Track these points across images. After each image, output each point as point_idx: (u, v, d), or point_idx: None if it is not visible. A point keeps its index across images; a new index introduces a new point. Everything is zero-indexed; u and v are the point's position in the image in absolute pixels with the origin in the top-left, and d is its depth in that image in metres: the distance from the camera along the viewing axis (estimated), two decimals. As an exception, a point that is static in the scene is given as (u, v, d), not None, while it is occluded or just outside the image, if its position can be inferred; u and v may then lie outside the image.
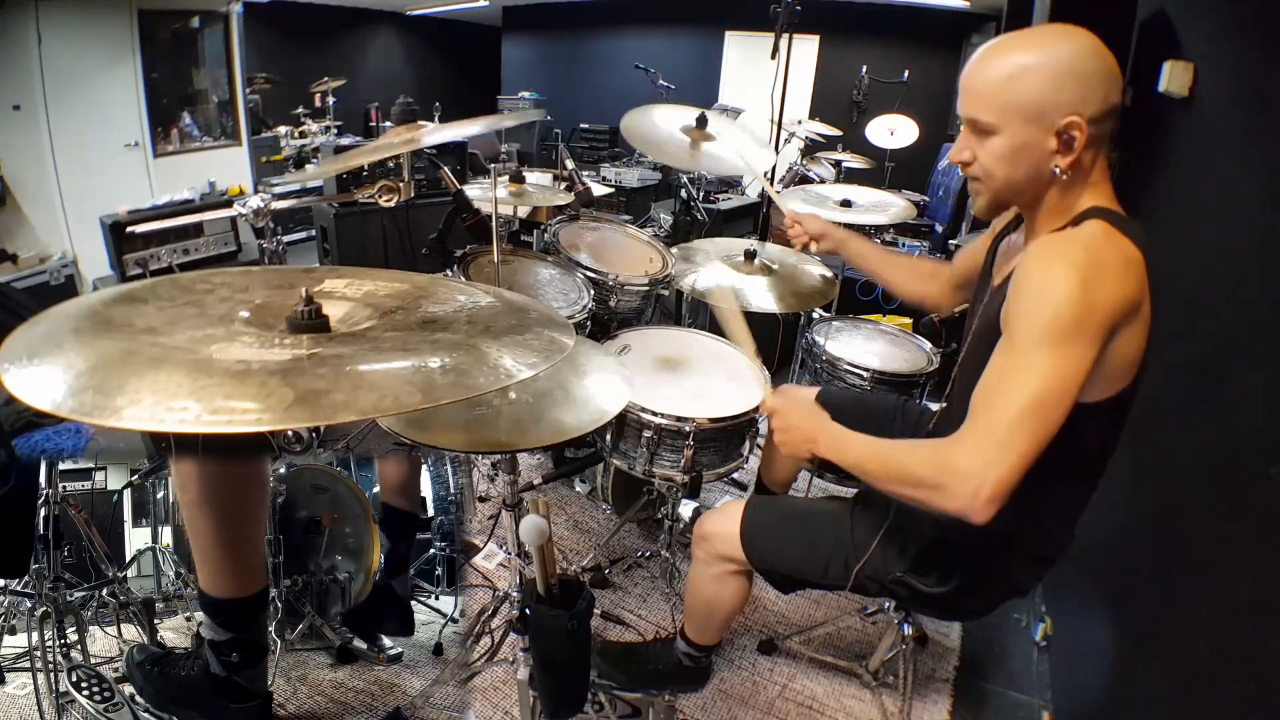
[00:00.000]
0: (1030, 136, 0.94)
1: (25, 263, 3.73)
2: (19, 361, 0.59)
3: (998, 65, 0.95)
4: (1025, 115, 0.93)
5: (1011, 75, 0.94)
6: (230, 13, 4.84)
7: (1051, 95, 0.91)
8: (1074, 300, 0.87)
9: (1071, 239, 0.94)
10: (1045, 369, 0.88)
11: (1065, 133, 0.92)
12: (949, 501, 0.91)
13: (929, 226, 4.49)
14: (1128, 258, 0.92)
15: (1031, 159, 0.96)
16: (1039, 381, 0.88)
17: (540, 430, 1.18)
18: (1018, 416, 0.88)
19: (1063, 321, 0.88)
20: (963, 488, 0.89)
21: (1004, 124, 0.96)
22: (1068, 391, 0.88)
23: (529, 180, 2.45)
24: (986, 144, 0.99)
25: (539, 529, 0.97)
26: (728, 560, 1.38)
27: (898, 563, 1.21)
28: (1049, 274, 0.90)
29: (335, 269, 0.91)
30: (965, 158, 1.03)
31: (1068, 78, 0.91)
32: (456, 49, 9.09)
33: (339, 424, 0.58)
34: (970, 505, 0.89)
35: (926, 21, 6.06)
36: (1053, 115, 0.92)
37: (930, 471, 0.93)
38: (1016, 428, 0.88)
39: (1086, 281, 0.88)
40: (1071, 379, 0.88)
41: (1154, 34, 1.77)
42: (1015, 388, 0.89)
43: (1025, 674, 1.81)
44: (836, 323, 2.26)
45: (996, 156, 0.98)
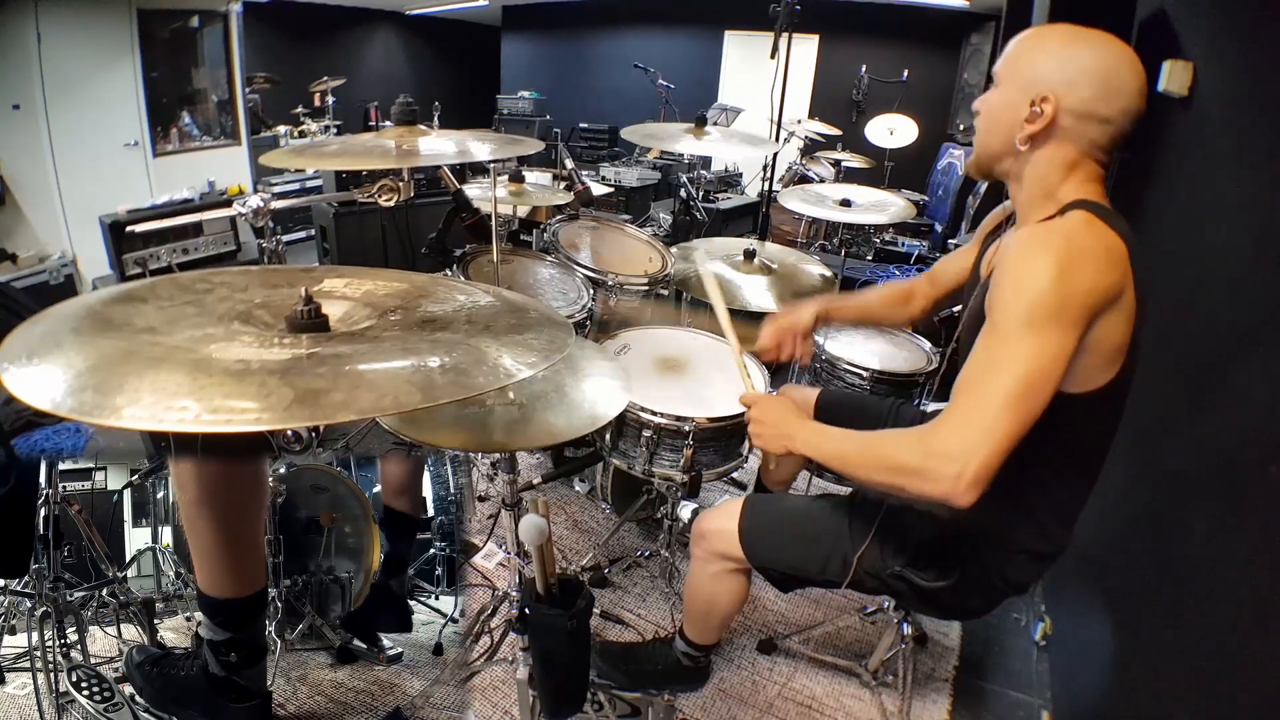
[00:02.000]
0: (1014, 98, 1.01)
1: (25, 262, 3.73)
2: (19, 361, 0.59)
3: (1034, 38, 1.03)
4: (1018, 79, 1.01)
5: (1034, 48, 1.01)
6: (230, 12, 4.84)
7: (1045, 71, 0.98)
8: (1054, 286, 0.90)
9: (1054, 228, 0.97)
10: (1027, 354, 0.90)
11: (1037, 104, 0.98)
12: (932, 485, 0.92)
13: (928, 226, 4.50)
14: (1109, 246, 0.94)
15: (1006, 118, 1.03)
16: (1021, 366, 0.90)
17: (538, 430, 1.18)
18: (1001, 401, 0.90)
19: (1044, 307, 0.90)
20: (946, 471, 0.90)
21: (1004, 81, 1.04)
22: (1050, 376, 0.90)
23: (528, 180, 2.46)
24: (988, 97, 1.07)
25: (538, 529, 0.97)
26: (726, 558, 1.38)
27: (896, 557, 1.21)
28: (1030, 261, 0.93)
29: (335, 268, 0.91)
30: (978, 105, 1.10)
31: (1068, 63, 0.97)
32: (456, 49, 9.09)
33: (339, 424, 0.58)
34: (953, 489, 0.90)
35: (926, 21, 6.06)
36: (1035, 86, 0.98)
37: (913, 456, 0.94)
38: (1000, 412, 0.89)
39: (1066, 268, 0.90)
40: (1053, 364, 0.90)
41: (1154, 34, 1.77)
42: (998, 372, 0.91)
43: (1025, 674, 1.81)
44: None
45: (989, 109, 1.07)
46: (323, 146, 1.50)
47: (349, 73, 6.62)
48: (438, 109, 3.57)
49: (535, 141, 1.54)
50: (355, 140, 1.51)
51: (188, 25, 4.70)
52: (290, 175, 5.33)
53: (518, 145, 1.47)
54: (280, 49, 6.92)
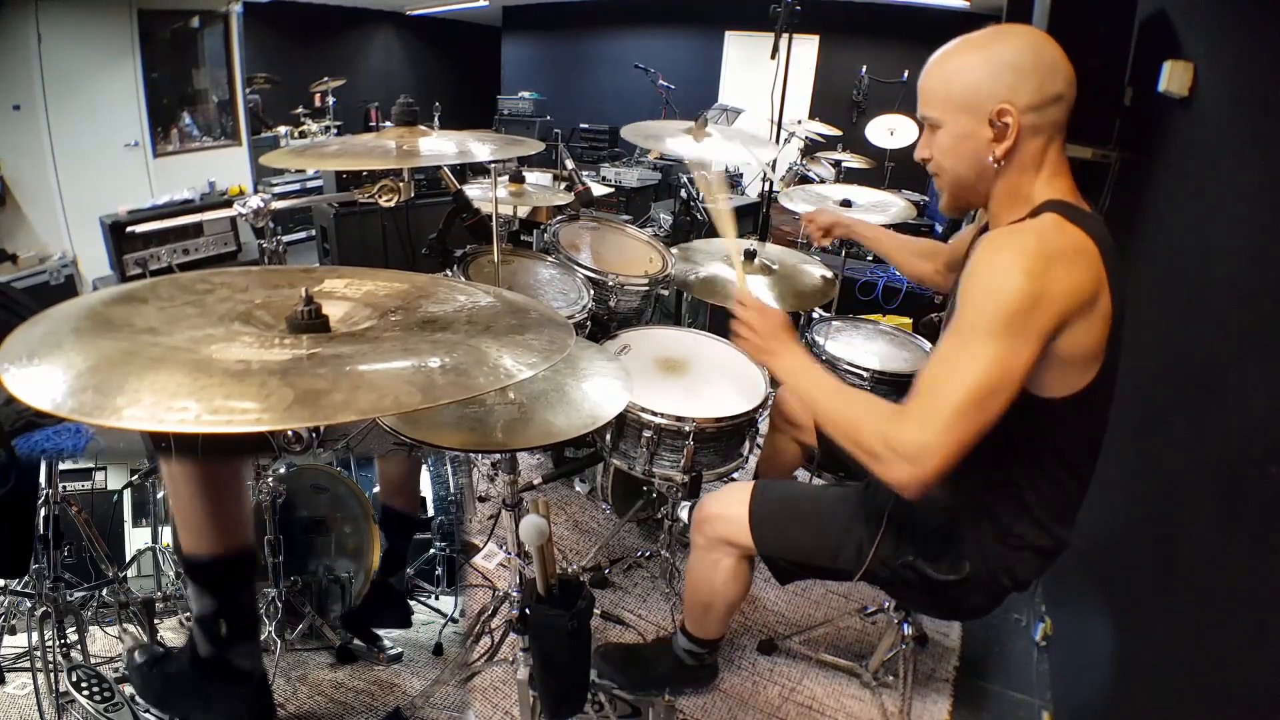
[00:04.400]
0: (967, 126, 1.00)
1: (25, 262, 3.73)
2: (19, 361, 0.59)
3: (941, 64, 1.03)
4: (961, 106, 1.00)
5: (951, 72, 1.01)
6: (230, 12, 4.84)
7: (983, 86, 0.98)
8: (1021, 291, 0.90)
9: (1024, 230, 0.98)
10: (988, 359, 0.91)
11: (997, 120, 0.98)
12: (885, 472, 0.96)
13: (929, 226, 4.50)
14: (1079, 249, 0.95)
15: (971, 148, 1.02)
16: (982, 372, 0.91)
17: (538, 430, 1.18)
18: (959, 406, 0.92)
19: (1009, 313, 0.91)
20: (900, 466, 0.94)
21: (945, 117, 1.03)
22: (1007, 383, 0.92)
23: (529, 180, 2.46)
24: (936, 139, 1.06)
25: (539, 529, 0.97)
26: (730, 545, 1.35)
27: (909, 547, 1.21)
28: (997, 265, 0.94)
29: (335, 269, 0.91)
30: (924, 155, 1.09)
31: (999, 69, 0.97)
32: (456, 49, 9.09)
33: (339, 424, 0.58)
34: (903, 483, 0.95)
35: (926, 21, 6.06)
36: (986, 104, 0.98)
37: (874, 441, 0.98)
38: (957, 418, 0.92)
39: (1034, 273, 0.91)
40: (1011, 371, 0.92)
41: (1154, 34, 1.77)
42: (959, 376, 0.93)
43: (1025, 674, 1.81)
44: (836, 322, 2.26)
45: (944, 150, 1.05)
46: (323, 147, 1.50)
47: (349, 73, 6.62)
48: (438, 109, 3.58)
49: (535, 142, 1.54)
50: (355, 141, 1.51)
51: (188, 26, 4.71)
52: (291, 176, 5.34)
53: (518, 146, 1.47)
54: (280, 49, 6.92)
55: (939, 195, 1.12)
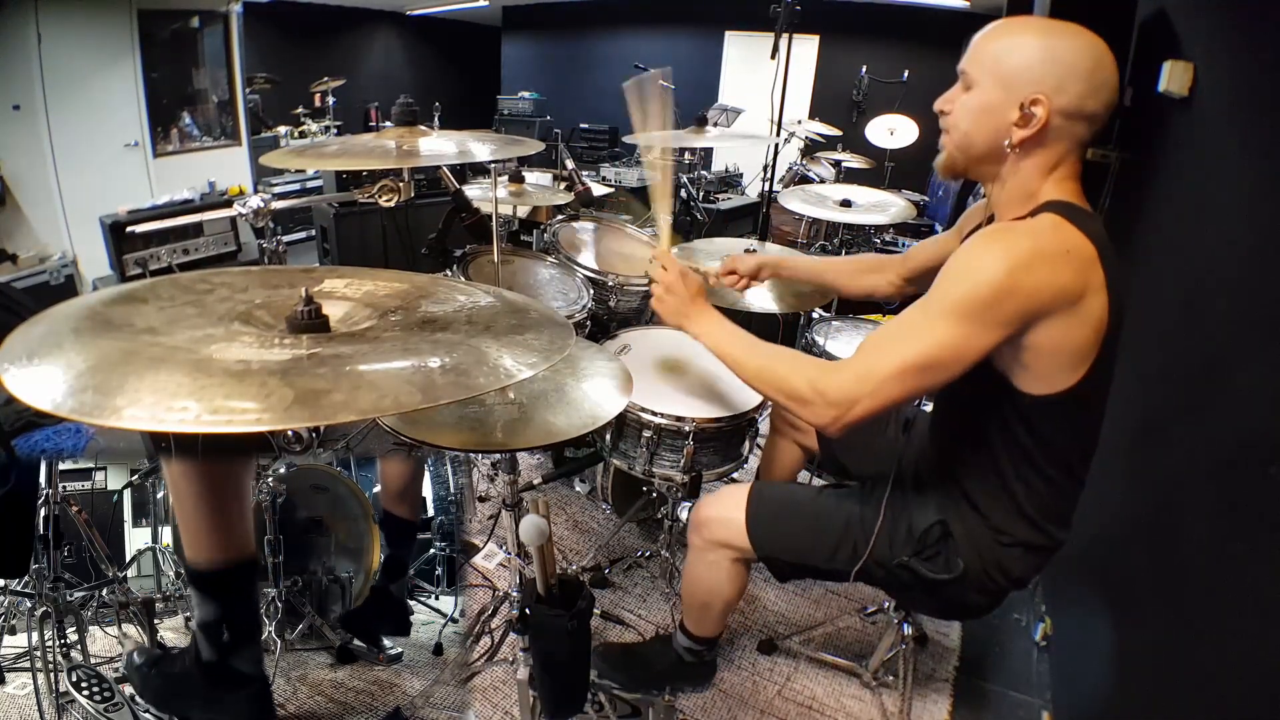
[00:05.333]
0: (998, 99, 0.99)
1: (25, 262, 3.73)
2: (19, 361, 0.59)
3: (1002, 32, 1.02)
4: (1001, 79, 0.99)
5: (1009, 45, 1.00)
6: (230, 12, 4.84)
7: (1029, 70, 0.96)
8: (996, 282, 0.92)
9: (1021, 229, 0.98)
10: (941, 336, 0.94)
11: (1027, 108, 0.97)
12: (810, 416, 1.04)
13: (929, 226, 4.50)
14: (1071, 248, 0.95)
15: (992, 122, 1.01)
16: (931, 345, 0.95)
17: (538, 430, 1.18)
18: (898, 369, 0.96)
19: (976, 298, 0.93)
20: (826, 411, 1.01)
21: (982, 80, 1.02)
22: (956, 361, 0.95)
23: (529, 180, 2.46)
24: (964, 97, 1.05)
25: (539, 529, 0.97)
26: (727, 547, 1.36)
27: (904, 547, 1.21)
28: (983, 252, 0.95)
29: (335, 269, 0.91)
30: (945, 107, 1.09)
31: (1052, 63, 0.96)
32: (456, 49, 9.09)
33: (339, 424, 0.58)
34: (826, 426, 1.02)
35: (926, 21, 6.07)
36: (1024, 88, 0.97)
37: (804, 386, 1.03)
38: (889, 379, 0.97)
39: (1015, 267, 0.92)
40: (965, 353, 0.94)
41: (1154, 34, 1.77)
42: (908, 343, 0.97)
43: (1025, 674, 1.81)
44: (836, 323, 2.26)
45: (967, 109, 1.04)
46: (323, 147, 1.50)
47: (349, 73, 6.62)
48: (438, 109, 3.58)
49: (535, 142, 1.54)
50: (355, 141, 1.51)
51: (188, 25, 4.71)
52: (290, 176, 5.34)
53: (518, 145, 1.47)
54: (280, 49, 6.92)
55: (940, 152, 1.11)
